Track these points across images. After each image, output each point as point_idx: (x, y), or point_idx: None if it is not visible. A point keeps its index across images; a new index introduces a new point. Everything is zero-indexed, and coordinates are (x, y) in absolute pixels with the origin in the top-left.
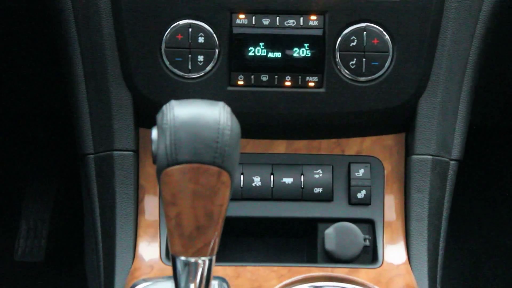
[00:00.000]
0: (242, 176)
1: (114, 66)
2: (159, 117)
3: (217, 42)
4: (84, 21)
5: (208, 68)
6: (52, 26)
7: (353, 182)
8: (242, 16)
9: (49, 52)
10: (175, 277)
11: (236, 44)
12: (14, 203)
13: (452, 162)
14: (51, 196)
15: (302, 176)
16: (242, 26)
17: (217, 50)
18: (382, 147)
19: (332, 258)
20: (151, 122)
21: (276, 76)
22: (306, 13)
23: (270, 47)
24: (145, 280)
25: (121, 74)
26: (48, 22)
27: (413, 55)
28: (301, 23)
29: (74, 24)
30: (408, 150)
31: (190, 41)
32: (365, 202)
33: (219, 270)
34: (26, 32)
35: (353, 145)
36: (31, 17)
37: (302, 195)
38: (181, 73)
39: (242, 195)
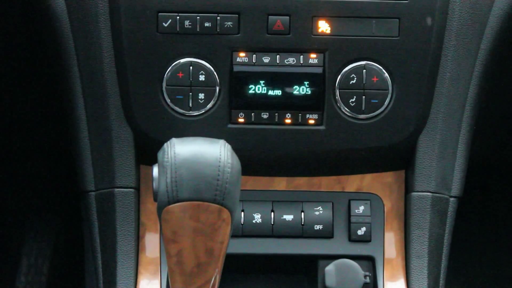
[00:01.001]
0: (242, 213)
1: (115, 104)
2: (160, 154)
3: (218, 80)
4: (85, 59)
5: (209, 105)
6: (54, 64)
7: (353, 219)
8: (242, 54)
9: (51, 89)
10: None
11: (236, 82)
12: (15, 239)
13: (451, 199)
14: (52, 232)
15: (302, 213)
16: (242, 64)
17: (217, 88)
18: (382, 184)
19: None
20: (152, 159)
21: (276, 114)
22: (306, 51)
23: (270, 84)
24: None
25: (122, 111)
26: (50, 59)
27: (412, 93)
28: (301, 61)
29: (76, 62)
30: (408, 187)
31: (191, 79)
32: (365, 239)
33: None
34: (28, 68)
35: (353, 182)
36: (33, 54)
37: (302, 232)
38: (182, 111)
39: (243, 232)
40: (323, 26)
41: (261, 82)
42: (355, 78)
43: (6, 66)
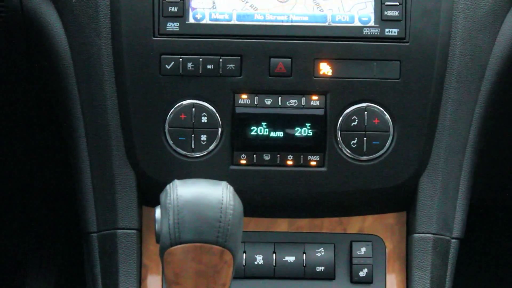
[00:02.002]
0: (244, 254)
1: (118, 145)
2: (162, 196)
3: (220, 122)
4: (88, 100)
5: (211, 147)
6: (57, 105)
7: (355, 261)
8: (244, 96)
9: (54, 130)
10: None
11: (238, 123)
12: (16, 279)
13: (453, 240)
14: (53, 273)
15: (304, 255)
16: (244, 106)
17: (220, 130)
18: (383, 225)
19: None
20: (154, 200)
21: (278, 155)
22: (307, 93)
23: (272, 126)
24: None
25: (125, 153)
26: (53, 101)
27: (413, 134)
28: (302, 103)
29: (79, 103)
30: (410, 229)
31: (193, 121)
32: (367, 281)
33: None
34: (31, 108)
35: (355, 224)
36: (36, 95)
37: (304, 273)
38: (184, 152)
39: (245, 273)
40: (325, 68)
41: (263, 123)
42: (357, 120)
43: (9, 105)
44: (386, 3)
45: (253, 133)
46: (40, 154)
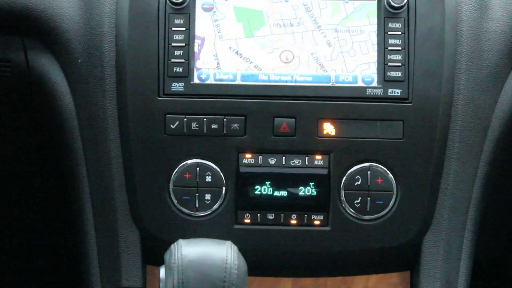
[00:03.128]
0: None
1: (122, 204)
2: (167, 256)
3: (224, 181)
4: (93, 160)
5: (215, 206)
6: (62, 165)
7: None
8: (248, 155)
9: (59, 188)
10: None
11: (242, 183)
12: None
13: None
14: None
15: None
16: (248, 165)
17: (224, 189)
18: (387, 285)
19: None
20: (158, 259)
21: (282, 214)
22: (311, 153)
23: (276, 185)
24: None
25: (129, 212)
26: (57, 160)
27: (416, 194)
28: (306, 163)
29: (84, 163)
30: None
31: (197, 180)
32: None
33: None
34: (36, 166)
35: (359, 283)
36: (41, 153)
37: None
38: (188, 212)
39: None
40: (328, 128)
41: (267, 183)
42: (360, 179)
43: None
44: (389, 64)
45: (257, 192)
46: (45, 212)
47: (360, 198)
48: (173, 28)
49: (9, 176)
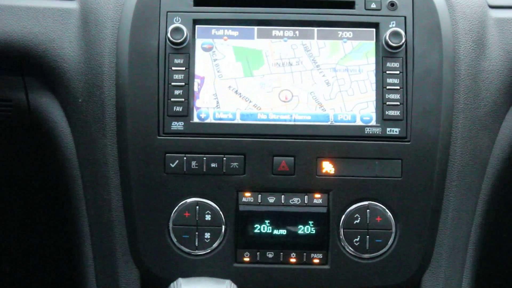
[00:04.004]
0: None
1: (122, 243)
2: None
3: (224, 220)
4: (93, 199)
5: (215, 245)
6: (62, 202)
7: None
8: (248, 194)
9: (58, 226)
10: None
11: (242, 221)
12: None
13: None
14: None
15: None
16: (248, 204)
17: (223, 227)
18: None
19: None
20: None
21: (281, 253)
22: (310, 191)
23: (275, 224)
24: None
25: (128, 250)
26: (58, 197)
27: (415, 232)
28: (305, 201)
29: (84, 201)
30: None
31: (197, 219)
32: None
33: None
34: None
35: None
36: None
37: None
38: (188, 250)
39: None
40: (327, 167)
41: (266, 221)
42: (359, 218)
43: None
44: (387, 103)
45: (256, 230)
46: (44, 251)
47: (359, 236)
48: (173, 68)
49: (11, 213)
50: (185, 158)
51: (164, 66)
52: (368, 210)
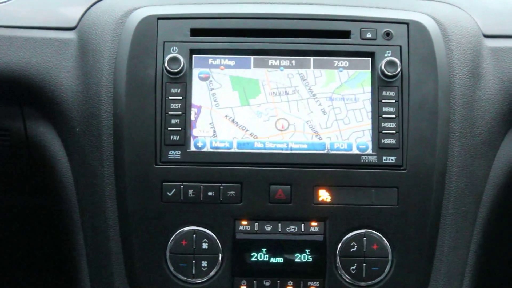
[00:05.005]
0: None
1: (119, 271)
2: None
3: (221, 248)
4: (91, 228)
5: (212, 273)
6: (59, 231)
7: None
8: (245, 222)
9: (56, 255)
10: None
11: (239, 249)
12: None
13: None
14: None
15: None
16: (245, 232)
17: (220, 256)
18: None
19: None
20: None
21: (278, 281)
22: (307, 219)
23: (272, 252)
24: None
25: (126, 278)
26: (55, 226)
27: (412, 260)
28: (302, 229)
29: (82, 230)
30: None
31: (194, 247)
32: None
33: None
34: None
35: None
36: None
37: None
38: (185, 279)
39: None
40: (324, 195)
41: (263, 249)
42: (356, 246)
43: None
44: (383, 131)
45: (253, 259)
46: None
47: (356, 264)
48: (170, 97)
49: (8, 242)
50: (182, 186)
51: (161, 96)
52: (364, 238)
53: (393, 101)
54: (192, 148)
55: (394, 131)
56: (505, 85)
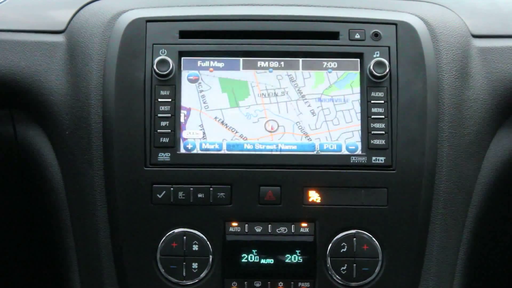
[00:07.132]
0: None
1: (109, 274)
2: None
3: (211, 249)
4: (81, 230)
5: (202, 275)
6: (49, 234)
7: None
8: (235, 224)
9: (45, 258)
10: None
11: (229, 251)
12: None
13: None
14: None
15: None
16: (235, 233)
17: (211, 257)
18: None
19: None
20: None
21: (268, 282)
22: (297, 220)
23: (262, 253)
24: None
25: (116, 281)
26: (45, 229)
27: (402, 260)
28: (292, 230)
29: (72, 233)
30: None
31: (184, 249)
32: None
33: None
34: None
35: None
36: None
37: None
38: (176, 280)
39: None
40: (314, 196)
41: (254, 251)
42: (346, 246)
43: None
44: (372, 132)
45: (243, 260)
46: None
47: (346, 265)
48: (159, 99)
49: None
50: (172, 188)
51: (151, 98)
52: (354, 239)
53: (382, 101)
54: (182, 150)
55: (383, 132)
56: (494, 85)
